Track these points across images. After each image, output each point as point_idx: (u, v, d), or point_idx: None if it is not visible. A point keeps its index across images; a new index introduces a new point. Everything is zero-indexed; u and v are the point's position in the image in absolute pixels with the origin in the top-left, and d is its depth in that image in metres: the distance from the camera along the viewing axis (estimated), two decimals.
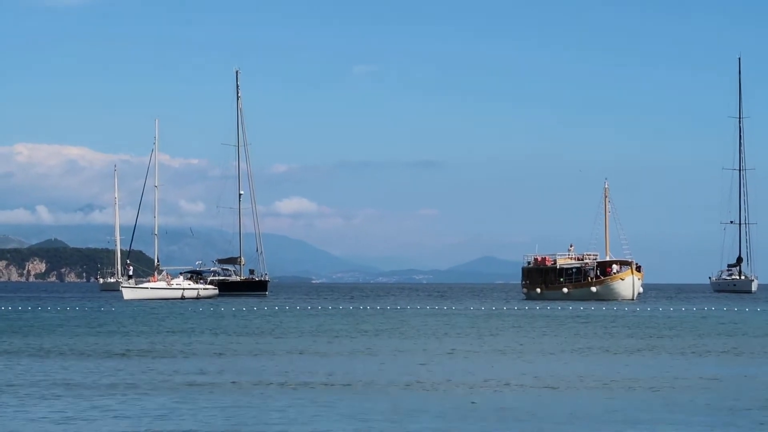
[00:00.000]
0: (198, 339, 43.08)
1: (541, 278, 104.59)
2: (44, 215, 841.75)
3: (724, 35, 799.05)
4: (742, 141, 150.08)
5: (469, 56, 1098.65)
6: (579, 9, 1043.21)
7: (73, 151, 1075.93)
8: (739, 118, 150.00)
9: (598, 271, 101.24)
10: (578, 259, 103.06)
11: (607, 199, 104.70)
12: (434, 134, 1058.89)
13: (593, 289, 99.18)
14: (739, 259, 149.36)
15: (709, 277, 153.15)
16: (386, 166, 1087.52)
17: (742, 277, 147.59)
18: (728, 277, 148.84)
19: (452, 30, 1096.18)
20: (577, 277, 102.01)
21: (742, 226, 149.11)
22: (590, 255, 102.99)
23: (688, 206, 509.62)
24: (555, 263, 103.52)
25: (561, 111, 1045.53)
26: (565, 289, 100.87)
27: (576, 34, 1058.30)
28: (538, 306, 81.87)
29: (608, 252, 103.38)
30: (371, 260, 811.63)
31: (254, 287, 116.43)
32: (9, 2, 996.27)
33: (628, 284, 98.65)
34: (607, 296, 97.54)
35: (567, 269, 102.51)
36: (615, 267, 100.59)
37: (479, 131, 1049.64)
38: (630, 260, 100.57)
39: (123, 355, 35.04)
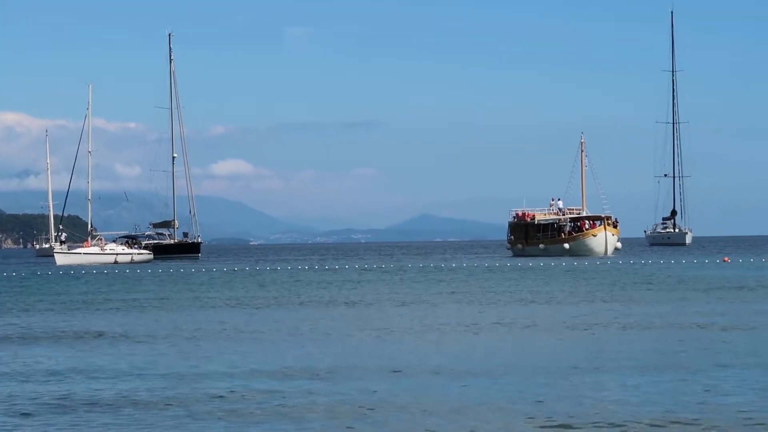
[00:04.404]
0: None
1: (523, 234, 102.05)
2: None
3: None
4: (675, 95, 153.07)
5: (404, 16, 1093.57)
6: None
7: (10, 117, 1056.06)
8: (673, 71, 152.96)
9: (572, 227, 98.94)
10: (556, 215, 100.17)
11: (583, 153, 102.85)
12: (371, 95, 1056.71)
13: (566, 245, 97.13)
14: (674, 212, 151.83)
15: (644, 231, 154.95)
16: (323, 127, 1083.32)
17: (677, 230, 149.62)
18: (663, 230, 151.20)
19: None
20: (552, 233, 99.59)
21: (676, 179, 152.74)
22: (574, 210, 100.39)
23: (622, 160, 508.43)
24: (534, 219, 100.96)
25: (494, 68, 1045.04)
26: (541, 245, 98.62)
27: None
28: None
29: (585, 207, 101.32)
30: (309, 221, 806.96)
31: (187, 249, 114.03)
32: None
33: (600, 240, 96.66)
34: (580, 252, 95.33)
35: (544, 225, 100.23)
36: (588, 223, 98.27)
37: (416, 91, 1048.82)
38: (606, 215, 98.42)
39: None
